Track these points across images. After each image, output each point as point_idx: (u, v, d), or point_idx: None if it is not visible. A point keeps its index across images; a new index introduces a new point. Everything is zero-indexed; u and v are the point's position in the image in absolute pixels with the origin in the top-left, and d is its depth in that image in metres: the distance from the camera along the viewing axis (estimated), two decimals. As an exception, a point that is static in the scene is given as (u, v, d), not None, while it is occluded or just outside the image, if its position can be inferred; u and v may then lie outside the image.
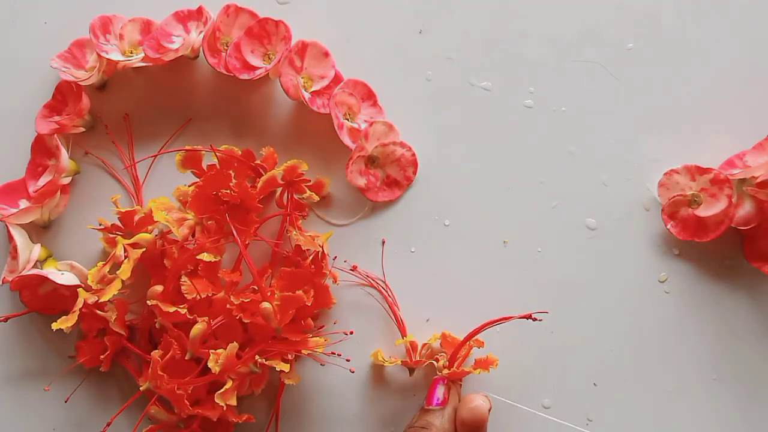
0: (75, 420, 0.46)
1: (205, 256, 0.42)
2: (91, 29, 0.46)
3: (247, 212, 0.44)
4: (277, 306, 0.42)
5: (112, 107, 0.48)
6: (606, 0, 0.48)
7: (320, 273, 0.44)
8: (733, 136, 0.47)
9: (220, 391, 0.41)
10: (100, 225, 0.44)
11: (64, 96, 0.47)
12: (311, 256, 0.44)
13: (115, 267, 0.43)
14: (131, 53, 0.46)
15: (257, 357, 0.42)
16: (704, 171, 0.45)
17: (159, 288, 0.42)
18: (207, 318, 0.42)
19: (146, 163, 0.48)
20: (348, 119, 0.46)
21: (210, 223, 0.44)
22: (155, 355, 0.42)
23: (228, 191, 0.43)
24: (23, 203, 0.46)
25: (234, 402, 0.42)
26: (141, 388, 0.43)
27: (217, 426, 0.44)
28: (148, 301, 0.42)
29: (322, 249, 0.44)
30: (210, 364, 0.41)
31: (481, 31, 0.48)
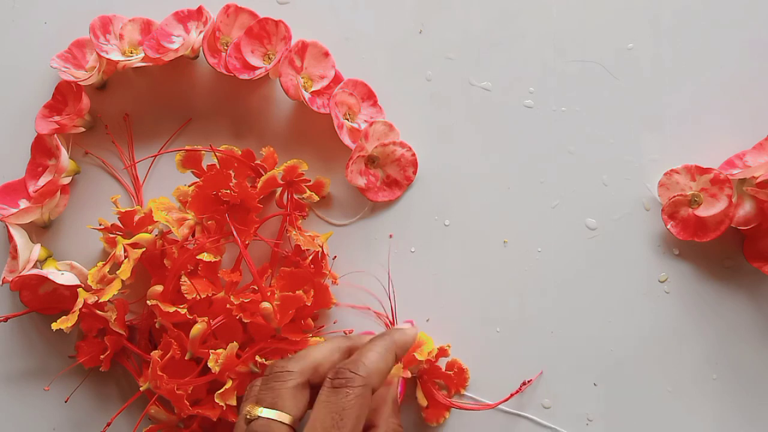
0: (75, 420, 0.46)
1: (205, 256, 0.43)
2: (91, 29, 0.46)
3: (247, 212, 0.44)
4: (277, 306, 0.42)
5: (112, 107, 0.48)
6: (606, 0, 0.48)
7: (320, 273, 0.44)
8: (733, 136, 0.46)
9: (220, 391, 0.41)
10: (100, 225, 0.44)
11: (64, 96, 0.47)
12: (311, 256, 0.44)
13: (115, 267, 0.43)
14: (131, 53, 0.46)
15: (257, 357, 0.42)
16: (704, 171, 0.45)
17: (159, 288, 0.42)
18: (207, 318, 0.42)
19: (146, 163, 0.48)
20: (348, 119, 0.46)
21: (210, 223, 0.44)
22: (155, 355, 0.42)
23: (228, 191, 0.43)
24: (23, 203, 0.46)
25: (234, 402, 0.42)
26: (141, 389, 0.43)
27: (217, 426, 0.44)
28: (148, 301, 0.42)
29: (322, 249, 0.44)
30: (210, 364, 0.41)
31: (481, 31, 0.48)
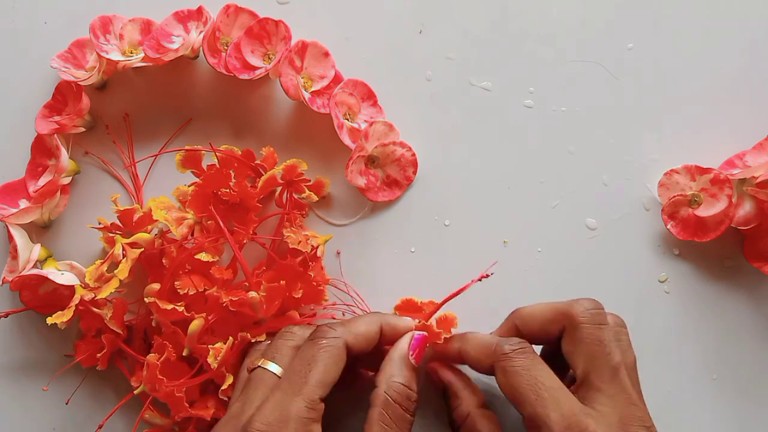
0: (75, 420, 0.46)
1: (204, 256, 0.42)
2: (91, 29, 0.46)
3: (246, 212, 0.44)
4: (263, 296, 0.42)
5: (112, 107, 0.48)
6: (606, 0, 0.48)
7: (305, 274, 0.43)
8: (733, 136, 0.47)
9: (223, 388, 0.41)
10: (100, 224, 0.44)
11: (64, 96, 0.47)
12: (300, 257, 0.43)
13: (113, 266, 0.43)
14: (131, 53, 0.46)
15: (241, 333, 0.42)
16: (704, 171, 0.45)
17: (156, 286, 0.42)
18: (204, 314, 0.42)
19: (146, 162, 0.48)
20: (348, 119, 0.46)
21: (209, 222, 0.44)
22: (152, 358, 0.42)
23: (228, 191, 0.43)
24: (23, 203, 0.46)
25: None
26: (135, 391, 0.42)
27: (213, 425, 0.44)
28: (145, 299, 0.42)
29: (315, 250, 0.43)
30: (209, 360, 0.41)
31: (481, 31, 0.48)
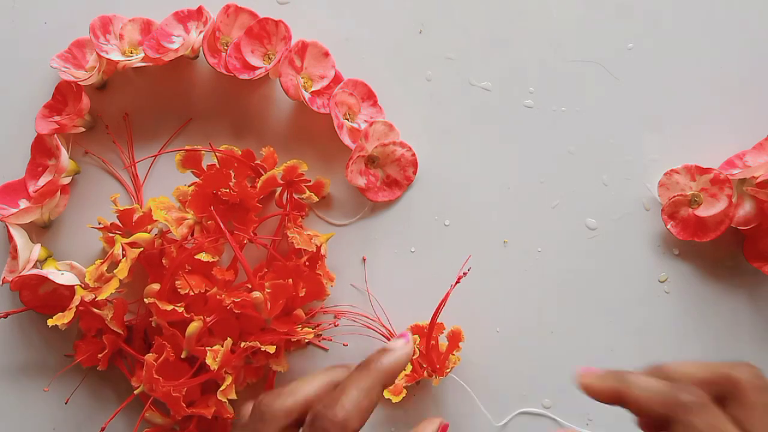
0: (75, 420, 0.46)
1: (204, 256, 0.42)
2: (91, 29, 0.46)
3: (246, 212, 0.44)
4: (268, 294, 0.42)
5: (112, 107, 0.48)
6: (606, 0, 0.48)
7: (314, 270, 0.44)
8: (733, 136, 0.46)
9: (221, 388, 0.41)
10: (100, 224, 0.44)
11: (64, 96, 0.47)
12: (306, 256, 0.44)
13: (113, 266, 0.43)
14: (131, 53, 0.46)
15: (247, 342, 0.42)
16: (704, 171, 0.45)
17: (156, 286, 0.42)
18: (203, 316, 0.42)
19: (146, 162, 0.48)
20: (348, 119, 0.46)
21: (209, 222, 0.44)
22: (150, 358, 0.42)
23: (228, 191, 0.43)
24: (23, 203, 0.46)
25: (235, 396, 0.42)
26: (135, 392, 0.42)
27: (213, 426, 0.44)
28: (145, 299, 0.42)
29: (319, 249, 0.44)
30: (208, 361, 0.41)
31: (481, 31, 0.48)
